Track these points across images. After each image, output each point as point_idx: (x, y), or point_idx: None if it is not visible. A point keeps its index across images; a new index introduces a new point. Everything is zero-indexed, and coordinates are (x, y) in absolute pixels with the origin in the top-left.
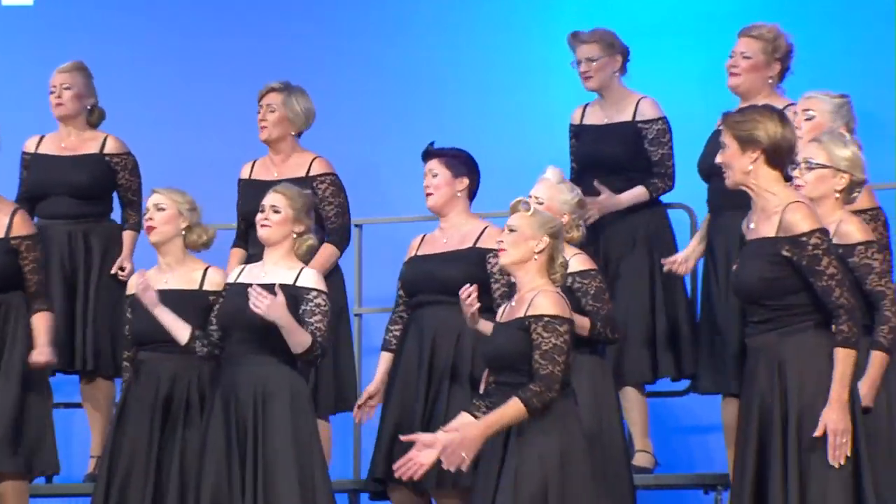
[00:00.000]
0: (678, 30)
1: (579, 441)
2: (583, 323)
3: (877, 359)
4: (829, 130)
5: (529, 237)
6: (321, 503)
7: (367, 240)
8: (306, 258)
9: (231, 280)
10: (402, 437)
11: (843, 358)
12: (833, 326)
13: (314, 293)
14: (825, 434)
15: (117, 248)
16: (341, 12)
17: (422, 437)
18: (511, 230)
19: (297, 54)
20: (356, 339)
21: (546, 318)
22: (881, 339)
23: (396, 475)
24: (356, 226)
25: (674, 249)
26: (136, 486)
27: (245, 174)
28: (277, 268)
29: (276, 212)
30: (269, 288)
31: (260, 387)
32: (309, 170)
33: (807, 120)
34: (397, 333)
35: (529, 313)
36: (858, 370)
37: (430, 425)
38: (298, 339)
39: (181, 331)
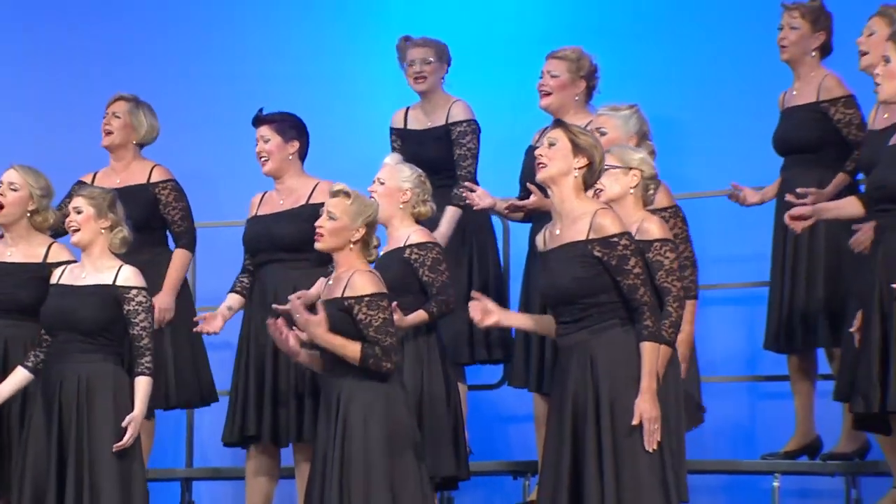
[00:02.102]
0: (496, 43)
1: (401, 402)
2: (420, 317)
3: (660, 352)
4: (620, 145)
5: (349, 227)
6: (136, 492)
7: (200, 243)
8: (122, 250)
9: (53, 281)
10: (275, 306)
11: (650, 351)
12: (637, 322)
13: (134, 291)
14: (629, 419)
15: None
16: (175, 23)
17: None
18: (331, 217)
19: (131, 62)
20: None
21: (367, 298)
22: (664, 333)
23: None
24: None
25: (495, 243)
26: None
27: (88, 180)
28: (96, 268)
29: (79, 212)
30: (97, 291)
31: (84, 383)
32: (149, 177)
33: (601, 136)
34: (244, 281)
35: (348, 294)
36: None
37: (277, 379)
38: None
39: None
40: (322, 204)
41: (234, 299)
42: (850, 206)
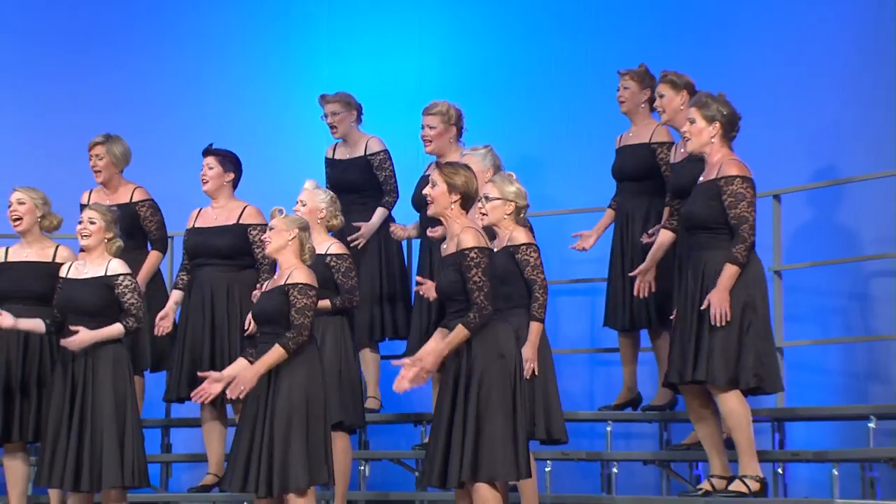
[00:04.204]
0: (401, 93)
1: (318, 374)
2: (324, 305)
3: (533, 328)
4: (500, 174)
5: (284, 231)
6: (129, 435)
7: (177, 247)
8: (117, 254)
9: (63, 275)
10: (199, 373)
11: (457, 331)
12: (467, 314)
13: (122, 277)
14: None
15: None
16: (154, 76)
17: (212, 374)
18: (272, 228)
19: (120, 107)
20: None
21: (300, 285)
22: (535, 313)
23: (193, 399)
24: (169, 237)
25: (400, 255)
26: (12, 411)
27: (84, 200)
28: (94, 264)
29: (93, 223)
30: (95, 281)
31: (91, 353)
32: (132, 197)
33: None
34: (184, 278)
35: (288, 282)
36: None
37: (213, 354)
38: (113, 335)
39: (39, 326)
40: (250, 225)
41: (178, 295)
42: (666, 238)
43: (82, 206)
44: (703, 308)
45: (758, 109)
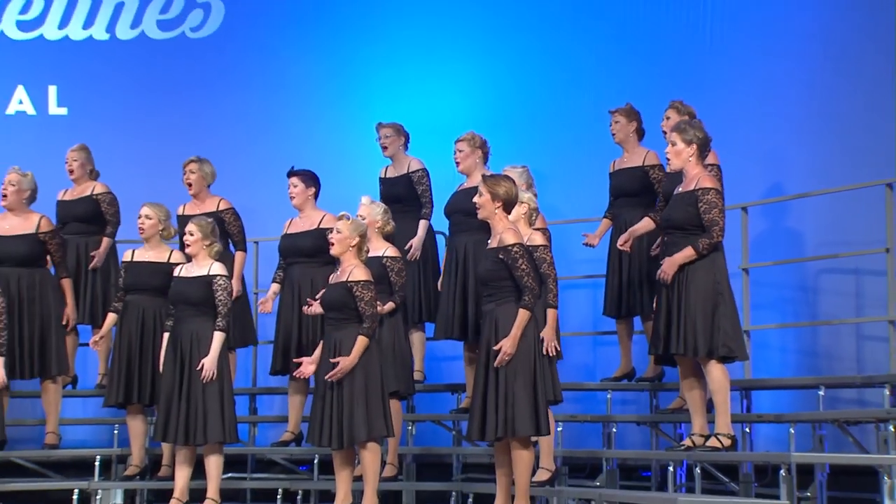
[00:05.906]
0: (440, 122)
1: (373, 349)
2: (391, 306)
3: (550, 314)
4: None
5: (348, 237)
6: (227, 400)
7: (261, 251)
8: (216, 257)
9: (176, 274)
10: (294, 360)
11: (522, 314)
12: (521, 297)
13: (218, 278)
14: (516, 358)
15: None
16: (236, 112)
17: (305, 359)
18: (338, 232)
19: (211, 131)
20: (254, 307)
21: (362, 282)
22: (550, 302)
23: (295, 375)
24: (254, 242)
25: (436, 254)
26: (133, 379)
27: (180, 211)
28: (199, 266)
29: (192, 234)
30: (198, 279)
31: (195, 334)
32: (218, 206)
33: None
34: (280, 274)
35: (350, 279)
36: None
37: (301, 335)
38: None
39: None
40: (327, 229)
41: (275, 288)
42: (647, 224)
43: (178, 217)
44: (657, 275)
45: (728, 137)
